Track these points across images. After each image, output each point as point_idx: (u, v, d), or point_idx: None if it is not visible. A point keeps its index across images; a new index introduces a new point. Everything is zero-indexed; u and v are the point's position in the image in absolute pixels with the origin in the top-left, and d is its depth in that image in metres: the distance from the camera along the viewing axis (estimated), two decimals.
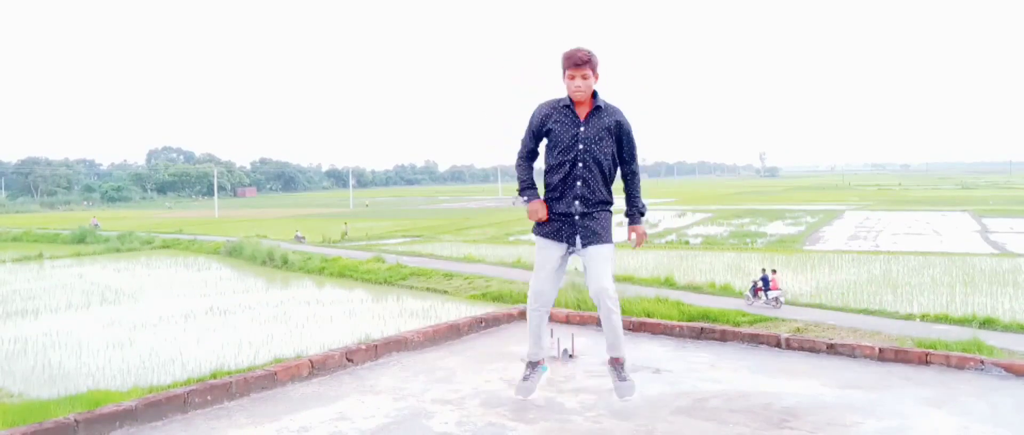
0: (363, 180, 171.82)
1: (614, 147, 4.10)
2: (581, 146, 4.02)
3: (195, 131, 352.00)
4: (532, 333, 4.26)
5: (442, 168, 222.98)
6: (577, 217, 4.07)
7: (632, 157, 4.17)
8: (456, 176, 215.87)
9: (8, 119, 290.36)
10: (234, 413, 4.04)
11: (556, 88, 4.15)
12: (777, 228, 47.55)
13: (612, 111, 4.09)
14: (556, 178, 4.08)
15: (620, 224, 4.55)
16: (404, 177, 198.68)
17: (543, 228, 4.16)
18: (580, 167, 4.03)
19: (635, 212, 4.24)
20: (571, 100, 4.05)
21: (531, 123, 4.15)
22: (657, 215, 59.36)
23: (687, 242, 39.04)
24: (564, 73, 4.00)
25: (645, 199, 4.30)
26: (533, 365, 4.25)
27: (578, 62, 3.94)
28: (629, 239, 4.28)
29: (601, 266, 4.07)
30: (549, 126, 4.08)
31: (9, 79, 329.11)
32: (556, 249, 4.13)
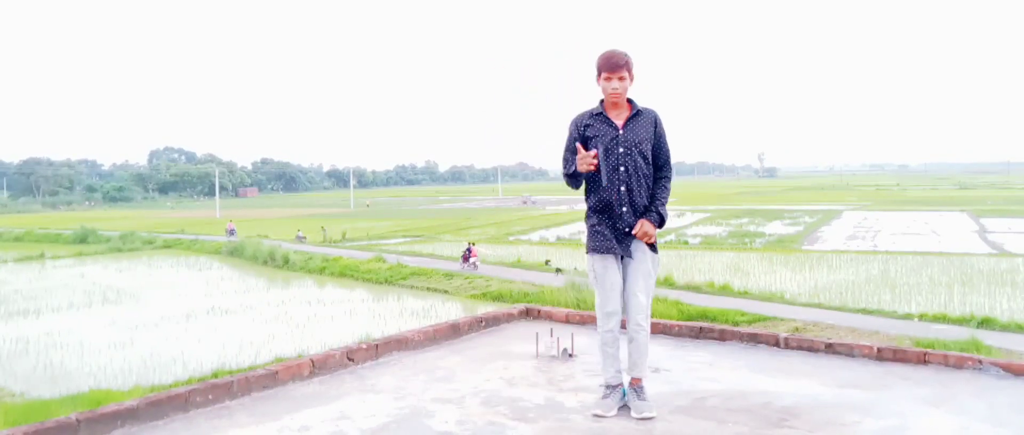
0: (364, 180, 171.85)
1: (651, 152, 4.01)
2: (622, 149, 3.93)
3: (197, 131, 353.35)
4: (607, 355, 4.07)
5: (442, 168, 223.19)
6: (627, 229, 3.97)
7: (665, 162, 4.06)
8: (456, 176, 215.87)
9: (10, 119, 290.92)
10: (236, 412, 4.05)
11: (555, 88, 4.16)
12: (776, 228, 47.57)
13: (649, 114, 4.02)
14: (600, 188, 3.97)
15: None
16: (405, 177, 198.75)
17: (596, 243, 4.01)
18: (623, 172, 3.93)
19: (652, 211, 3.98)
20: (603, 108, 3.99)
21: (569, 137, 4.04)
22: None
23: (686, 242, 39.07)
24: (599, 75, 3.92)
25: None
26: (612, 387, 4.07)
27: (615, 66, 3.87)
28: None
29: (640, 280, 3.97)
30: (587, 135, 3.97)
31: (10, 79, 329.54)
32: (614, 263, 3.99)
